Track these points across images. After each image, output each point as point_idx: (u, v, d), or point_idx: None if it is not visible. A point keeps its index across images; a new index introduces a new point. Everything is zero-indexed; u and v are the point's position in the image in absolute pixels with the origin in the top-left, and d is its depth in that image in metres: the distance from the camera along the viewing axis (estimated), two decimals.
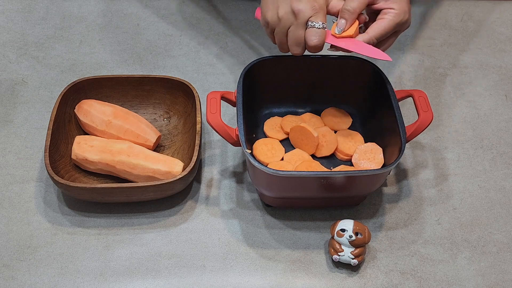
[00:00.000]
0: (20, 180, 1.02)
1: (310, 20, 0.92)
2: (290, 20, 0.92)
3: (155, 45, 1.24)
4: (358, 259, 0.91)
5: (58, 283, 0.91)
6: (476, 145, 1.10)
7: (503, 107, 1.16)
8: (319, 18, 0.92)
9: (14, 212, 0.98)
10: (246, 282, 0.92)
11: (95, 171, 1.00)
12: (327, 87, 1.07)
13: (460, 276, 0.93)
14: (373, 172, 0.91)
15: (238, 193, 1.02)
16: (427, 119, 0.96)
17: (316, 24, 0.91)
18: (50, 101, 1.13)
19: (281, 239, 0.97)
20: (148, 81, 1.07)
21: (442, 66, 1.23)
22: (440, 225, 0.99)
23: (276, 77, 1.05)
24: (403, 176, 1.05)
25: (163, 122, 1.09)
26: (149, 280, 0.92)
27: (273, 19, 0.94)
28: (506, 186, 1.04)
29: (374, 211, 1.00)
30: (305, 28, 0.93)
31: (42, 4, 1.31)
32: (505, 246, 0.97)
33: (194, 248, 0.95)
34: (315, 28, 0.92)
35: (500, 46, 1.27)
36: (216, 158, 1.06)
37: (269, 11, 0.94)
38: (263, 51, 1.23)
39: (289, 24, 0.93)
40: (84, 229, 0.97)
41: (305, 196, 0.96)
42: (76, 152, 0.99)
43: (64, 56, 1.21)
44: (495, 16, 1.33)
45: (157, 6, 1.31)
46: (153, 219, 0.98)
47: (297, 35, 0.93)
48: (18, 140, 1.07)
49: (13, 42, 1.23)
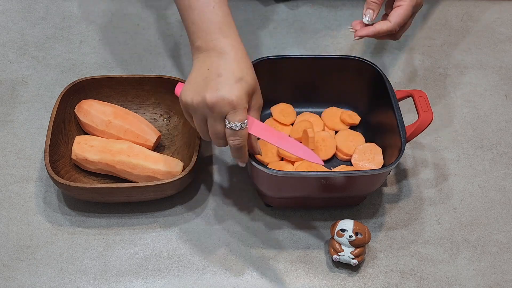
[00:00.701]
0: (20, 180, 1.02)
1: (227, 118, 0.81)
2: (206, 111, 0.81)
3: (155, 45, 1.24)
4: (358, 259, 0.91)
5: (58, 283, 0.91)
6: (476, 145, 1.10)
7: (503, 107, 1.16)
8: (237, 117, 0.80)
9: (14, 212, 0.98)
10: (246, 282, 0.92)
11: (95, 171, 1.00)
12: (327, 87, 1.07)
13: (460, 276, 0.93)
14: (373, 172, 0.91)
15: (238, 193, 1.02)
16: (427, 119, 0.96)
17: (233, 126, 0.81)
18: (50, 101, 1.13)
19: (281, 239, 0.97)
20: (148, 81, 1.07)
21: (442, 66, 1.23)
22: (440, 225, 0.99)
23: (276, 77, 1.05)
24: (403, 176, 1.05)
25: (163, 122, 1.09)
26: (149, 280, 0.92)
27: (188, 102, 0.83)
28: (506, 186, 1.04)
29: (374, 211, 1.00)
30: (223, 122, 0.82)
31: (42, 4, 1.31)
32: (505, 246, 0.97)
33: (194, 248, 0.95)
34: (233, 130, 0.82)
35: (500, 46, 1.27)
36: (216, 158, 1.06)
37: (185, 91, 0.84)
38: (263, 51, 1.23)
39: (205, 115, 0.82)
40: (84, 229, 0.97)
41: (305, 196, 0.96)
42: (76, 152, 0.99)
43: (64, 56, 1.21)
44: (495, 16, 1.33)
45: (157, 6, 1.31)
46: (153, 219, 0.98)
47: (215, 129, 0.83)
48: (18, 140, 1.07)
49: (13, 42, 1.23)
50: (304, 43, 1.24)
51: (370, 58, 1.20)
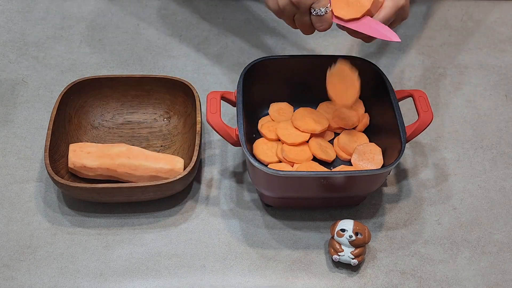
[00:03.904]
0: (20, 180, 1.02)
1: (312, 7, 0.91)
2: (293, 10, 0.92)
3: (155, 45, 1.24)
4: (358, 259, 0.91)
5: (58, 283, 0.91)
6: (476, 145, 1.10)
7: (503, 107, 1.16)
8: (321, 4, 0.90)
9: (14, 212, 0.98)
10: (246, 282, 0.92)
11: (95, 177, 0.99)
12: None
13: (460, 276, 0.93)
14: (373, 172, 0.91)
15: (238, 193, 1.02)
16: (427, 119, 0.96)
17: (319, 12, 0.91)
18: (50, 101, 1.13)
19: (281, 239, 0.97)
20: (148, 81, 1.07)
21: (442, 66, 1.23)
22: (440, 225, 0.99)
23: (276, 77, 1.05)
24: (403, 176, 1.05)
25: (163, 122, 1.09)
26: (149, 280, 0.92)
27: (275, 8, 0.94)
28: (506, 186, 1.04)
29: (374, 211, 1.00)
30: (309, 14, 0.92)
31: (42, 4, 1.31)
32: (505, 246, 0.97)
33: (194, 248, 0.95)
34: (319, 16, 0.91)
35: (500, 46, 1.27)
36: (216, 158, 1.06)
37: (271, 3, 0.94)
38: (263, 51, 1.23)
39: (292, 13, 0.93)
40: (84, 229, 0.97)
41: (305, 196, 0.96)
42: (73, 161, 0.97)
43: (64, 56, 1.21)
44: (495, 16, 1.33)
45: (157, 6, 1.31)
46: (153, 219, 0.98)
47: (303, 22, 0.93)
48: (18, 140, 1.07)
49: (13, 42, 1.23)
50: (304, 43, 1.24)
51: (370, 58, 1.20)
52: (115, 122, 1.08)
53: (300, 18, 0.93)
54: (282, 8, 0.92)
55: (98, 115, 1.08)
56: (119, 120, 1.09)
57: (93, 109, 1.08)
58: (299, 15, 0.92)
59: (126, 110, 1.09)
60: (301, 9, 0.91)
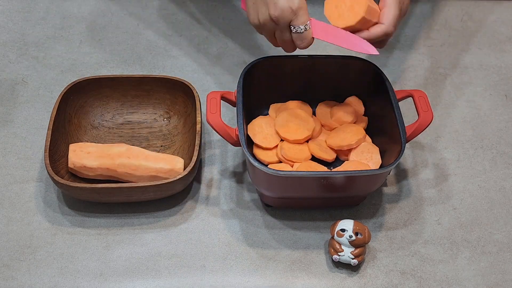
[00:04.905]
0: (20, 180, 1.02)
1: (291, 25, 0.90)
2: (272, 26, 0.91)
3: (155, 45, 1.24)
4: (358, 259, 0.91)
5: (58, 283, 0.91)
6: (476, 145, 1.10)
7: (503, 107, 1.16)
8: (300, 21, 0.90)
9: (14, 212, 0.98)
10: (246, 282, 0.92)
11: (94, 177, 0.99)
12: (327, 87, 1.07)
13: (460, 276, 0.93)
14: (373, 172, 0.91)
15: (238, 193, 1.02)
16: (427, 119, 0.96)
17: (298, 29, 0.90)
18: (50, 101, 1.13)
19: (281, 239, 0.97)
20: (148, 81, 1.07)
21: (442, 66, 1.23)
22: (440, 225, 0.99)
23: (276, 77, 1.05)
24: (403, 176, 1.05)
25: (163, 122, 1.09)
26: (149, 280, 0.92)
27: (256, 24, 0.94)
28: (506, 186, 1.04)
29: (374, 211, 1.00)
30: (289, 31, 0.91)
31: (42, 4, 1.31)
32: (505, 246, 0.97)
33: (194, 248, 0.95)
34: (299, 33, 0.91)
35: (500, 46, 1.27)
36: (216, 158, 1.06)
37: (250, 15, 0.94)
38: (263, 51, 1.23)
39: (273, 30, 0.93)
40: (84, 229, 0.97)
41: (305, 196, 0.96)
42: (73, 161, 0.98)
43: (64, 56, 1.21)
44: (495, 16, 1.33)
45: (157, 6, 1.31)
46: (153, 219, 0.98)
47: (284, 39, 0.93)
48: (18, 140, 1.07)
49: (13, 42, 1.23)
50: None
51: (370, 58, 1.20)
52: (115, 122, 1.08)
53: (280, 35, 0.92)
54: (262, 24, 0.92)
55: (98, 115, 1.08)
56: (119, 120, 1.09)
57: (93, 109, 1.08)
58: (279, 32, 0.92)
59: (126, 110, 1.09)
60: (280, 26, 0.90)
